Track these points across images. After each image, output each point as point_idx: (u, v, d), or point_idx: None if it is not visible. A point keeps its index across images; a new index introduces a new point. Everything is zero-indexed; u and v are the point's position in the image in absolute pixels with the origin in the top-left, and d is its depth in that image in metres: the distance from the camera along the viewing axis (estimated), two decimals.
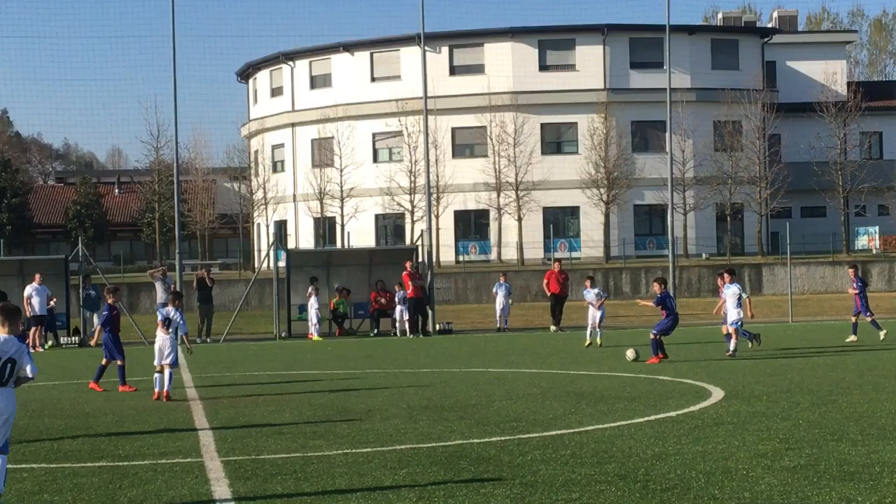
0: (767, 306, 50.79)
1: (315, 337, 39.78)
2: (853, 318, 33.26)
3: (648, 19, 79.56)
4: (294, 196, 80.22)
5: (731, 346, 27.42)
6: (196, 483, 12.46)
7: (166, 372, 21.05)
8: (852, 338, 31.99)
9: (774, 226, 74.24)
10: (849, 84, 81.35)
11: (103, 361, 23.19)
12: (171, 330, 21.61)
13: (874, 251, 73.14)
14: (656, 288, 27.34)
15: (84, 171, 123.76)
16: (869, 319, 32.71)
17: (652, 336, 26.53)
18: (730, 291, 28.30)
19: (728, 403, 18.05)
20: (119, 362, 22.84)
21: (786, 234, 46.19)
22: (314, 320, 40.24)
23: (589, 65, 74.26)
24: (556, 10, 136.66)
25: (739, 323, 27.82)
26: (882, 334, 31.79)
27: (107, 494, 11.95)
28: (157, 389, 21.04)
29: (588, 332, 32.77)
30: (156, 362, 21.27)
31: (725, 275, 29.01)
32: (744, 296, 28.43)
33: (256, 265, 70.05)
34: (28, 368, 11.21)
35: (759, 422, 15.87)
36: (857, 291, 33.56)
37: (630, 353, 26.14)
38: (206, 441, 15.62)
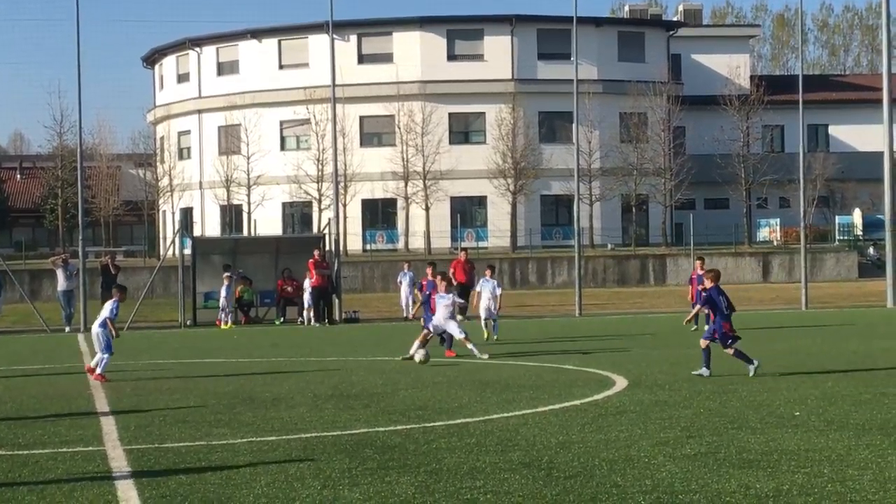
0: (671, 296, 51.36)
1: (225, 325, 39.54)
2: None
3: (556, 11, 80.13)
4: (200, 183, 79.61)
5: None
6: (98, 471, 12.34)
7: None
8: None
9: (679, 217, 75.13)
10: (752, 78, 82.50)
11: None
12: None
13: (775, 243, 74.26)
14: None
15: None
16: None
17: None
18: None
19: (631, 392, 18.24)
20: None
21: (689, 225, 46.77)
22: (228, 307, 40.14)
23: (497, 55, 74.52)
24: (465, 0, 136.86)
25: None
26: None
27: (5, 483, 11.79)
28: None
29: (483, 324, 32.51)
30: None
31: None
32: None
33: (162, 252, 69.42)
34: None
35: (661, 410, 16.06)
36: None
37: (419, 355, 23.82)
38: (109, 429, 15.48)
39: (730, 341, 20.39)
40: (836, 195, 78.58)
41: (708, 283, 21.13)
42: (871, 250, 68.96)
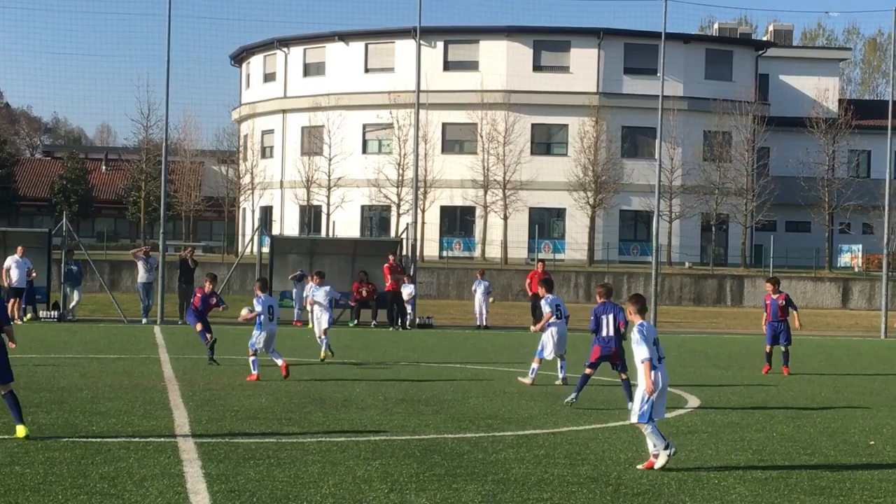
0: (747, 318, 50.89)
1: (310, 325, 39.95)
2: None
3: (644, 26, 79.80)
4: (281, 182, 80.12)
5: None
6: (168, 463, 12.46)
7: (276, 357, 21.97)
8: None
9: (759, 238, 74.42)
10: (840, 101, 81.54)
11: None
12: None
13: (856, 269, 73.33)
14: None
15: (72, 146, 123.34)
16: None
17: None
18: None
19: (703, 412, 18.10)
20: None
21: (769, 247, 46.35)
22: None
23: (583, 67, 74.30)
24: (553, 11, 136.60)
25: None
26: None
27: (78, 470, 11.94)
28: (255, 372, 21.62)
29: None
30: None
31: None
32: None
33: (240, 249, 69.98)
34: None
35: (732, 432, 15.92)
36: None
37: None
38: (181, 422, 15.62)
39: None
40: None
41: (599, 299, 19.12)
42: None
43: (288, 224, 78.78)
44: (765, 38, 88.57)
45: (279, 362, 21.79)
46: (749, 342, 37.98)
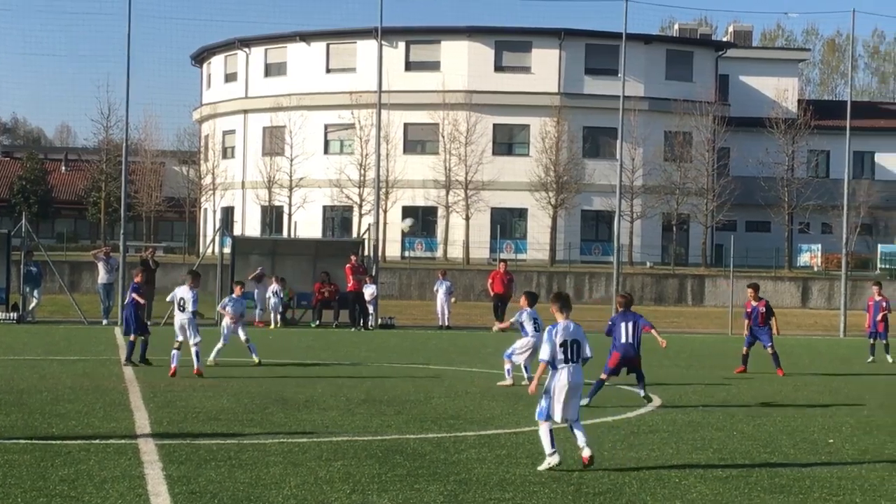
0: (708, 317, 51.15)
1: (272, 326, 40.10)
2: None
3: (605, 26, 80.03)
4: (243, 183, 79.90)
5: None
6: (129, 465, 12.41)
7: (192, 349, 22.17)
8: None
9: (719, 238, 74.78)
10: (799, 102, 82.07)
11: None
12: (188, 309, 22.69)
13: (816, 269, 73.81)
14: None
15: (31, 146, 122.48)
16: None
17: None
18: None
19: (665, 411, 18.17)
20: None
21: (730, 246, 46.51)
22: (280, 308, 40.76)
23: (544, 68, 74.45)
24: (514, 11, 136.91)
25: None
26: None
27: (38, 472, 11.88)
28: (174, 365, 21.93)
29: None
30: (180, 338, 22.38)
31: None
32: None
33: (201, 250, 69.70)
34: None
35: (693, 431, 15.99)
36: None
37: None
38: (142, 423, 15.56)
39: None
40: (879, 223, 78.05)
41: (619, 308, 19.71)
42: None
43: (249, 225, 78.58)
44: (725, 39, 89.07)
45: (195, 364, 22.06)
46: (710, 341, 38.18)
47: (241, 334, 24.86)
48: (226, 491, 11.12)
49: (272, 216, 77.27)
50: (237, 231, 74.88)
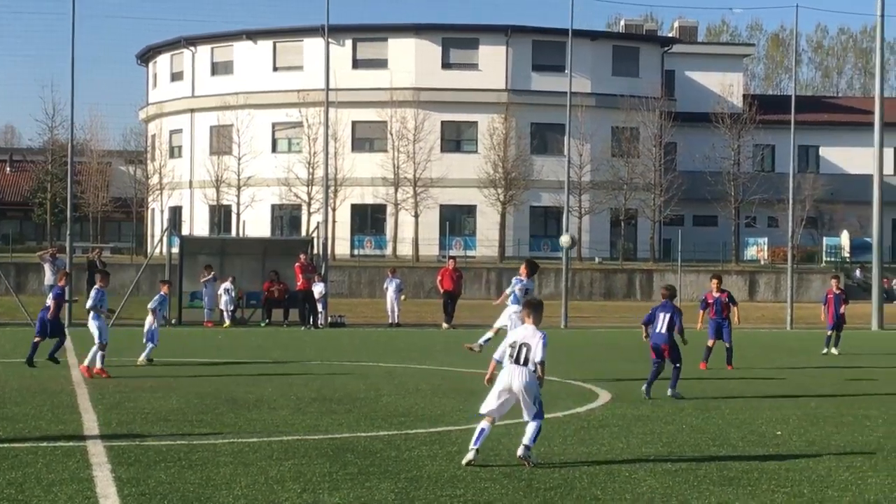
0: None
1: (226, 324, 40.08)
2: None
3: (552, 23, 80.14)
4: (190, 182, 79.51)
5: None
6: (77, 467, 12.32)
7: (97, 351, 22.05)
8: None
9: (667, 233, 75.19)
10: (744, 97, 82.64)
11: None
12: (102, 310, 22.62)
13: (762, 262, 74.36)
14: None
15: None
16: None
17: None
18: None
19: (614, 406, 18.26)
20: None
21: (677, 241, 46.81)
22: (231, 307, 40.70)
23: (491, 65, 74.56)
24: (461, 8, 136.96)
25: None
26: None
27: None
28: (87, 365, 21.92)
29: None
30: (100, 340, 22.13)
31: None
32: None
33: (149, 250, 69.31)
34: None
35: (643, 425, 16.08)
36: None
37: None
38: (90, 425, 15.46)
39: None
40: (824, 216, 78.72)
41: (662, 298, 20.59)
42: (857, 273, 69.07)
43: (198, 224, 78.19)
44: (670, 35, 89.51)
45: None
46: None
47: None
48: (176, 492, 11.07)
49: (220, 215, 76.94)
50: (185, 231, 74.49)
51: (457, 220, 74.69)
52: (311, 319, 40.29)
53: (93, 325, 22.43)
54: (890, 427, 16.29)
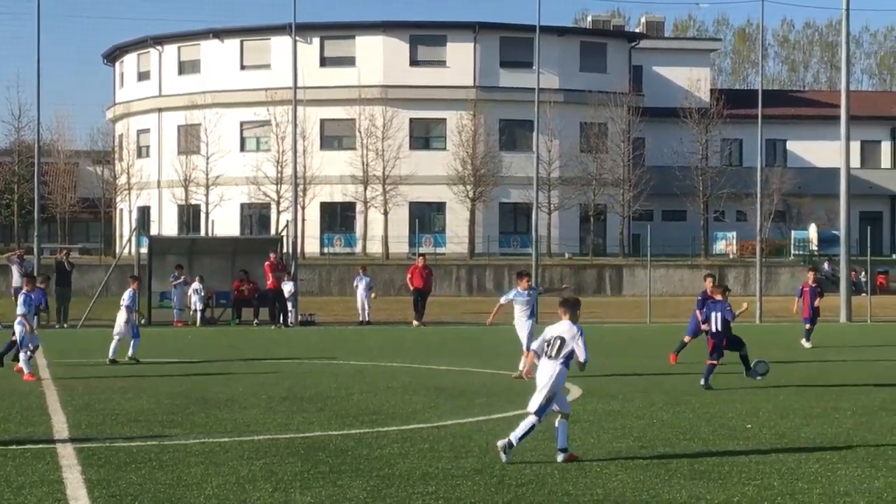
0: (627, 307, 51.56)
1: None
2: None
3: (519, 19, 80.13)
4: (158, 182, 79.20)
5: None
6: (47, 469, 12.26)
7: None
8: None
9: (636, 228, 75.30)
10: (712, 91, 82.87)
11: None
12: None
13: (731, 256, 74.62)
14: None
15: None
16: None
17: None
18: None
19: (585, 401, 18.29)
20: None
21: (647, 236, 46.94)
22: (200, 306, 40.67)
23: (459, 61, 74.56)
24: (428, 5, 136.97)
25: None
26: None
27: None
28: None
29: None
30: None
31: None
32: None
33: (118, 251, 69.01)
34: None
35: (614, 420, 16.12)
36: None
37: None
38: (60, 427, 15.39)
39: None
40: (792, 210, 79.06)
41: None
42: (825, 266, 69.35)
43: (166, 224, 77.92)
44: (637, 30, 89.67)
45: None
46: (629, 331, 38.52)
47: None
48: (146, 493, 11.03)
49: (189, 215, 76.67)
50: (154, 231, 74.20)
51: (426, 218, 74.65)
52: (282, 318, 40.21)
53: (18, 329, 22.33)
54: (859, 419, 16.39)
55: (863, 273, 59.70)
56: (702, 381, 20.13)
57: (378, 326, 40.54)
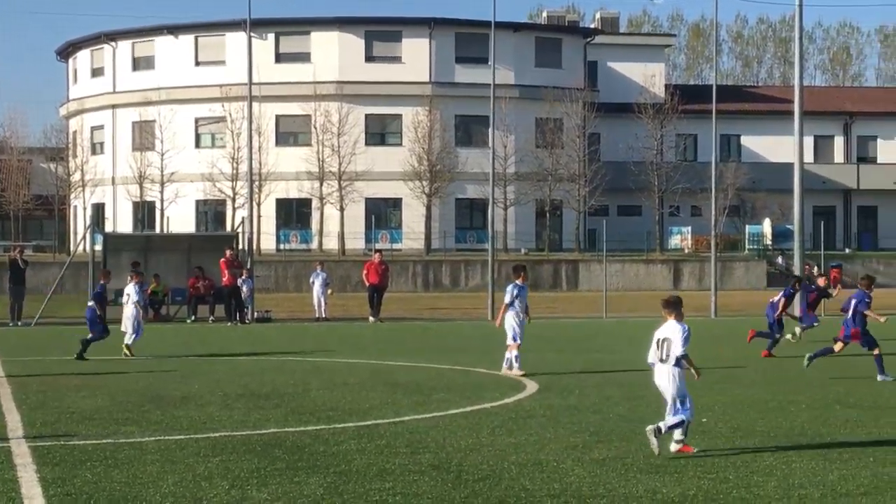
0: (583, 302, 51.71)
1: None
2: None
3: (474, 15, 79.82)
4: (113, 179, 78.74)
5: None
6: (1, 468, 12.19)
7: None
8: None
9: (592, 223, 75.53)
10: (666, 87, 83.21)
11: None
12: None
13: (686, 251, 74.98)
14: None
15: None
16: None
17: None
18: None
19: (542, 396, 18.34)
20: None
21: (602, 231, 47.07)
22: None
23: (415, 57, 74.51)
24: (383, 1, 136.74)
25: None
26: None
27: None
28: None
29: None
30: None
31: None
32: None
33: (72, 248, 68.55)
34: None
35: (570, 415, 16.17)
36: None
37: None
38: (14, 425, 15.29)
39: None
40: (746, 205, 79.47)
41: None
42: (779, 260, 69.86)
43: (121, 221, 77.49)
44: (592, 26, 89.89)
45: None
46: (585, 325, 38.64)
47: None
48: (102, 491, 10.98)
49: (144, 212, 76.28)
50: (109, 228, 73.74)
51: (382, 214, 74.59)
52: (238, 315, 40.08)
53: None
54: (813, 412, 16.52)
55: (814, 267, 60.14)
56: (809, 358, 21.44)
57: (334, 323, 40.48)
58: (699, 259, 67.63)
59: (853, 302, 21.24)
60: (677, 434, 13.04)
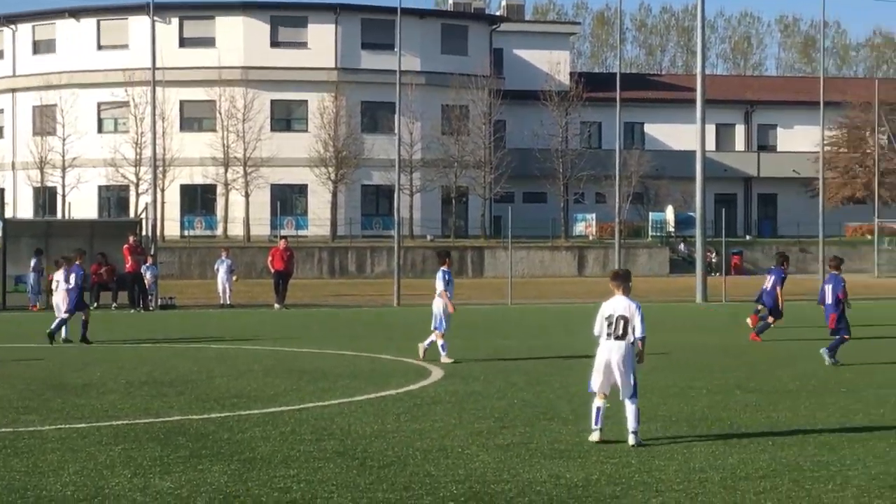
0: (489, 289, 51.92)
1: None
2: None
3: (381, 1, 79.71)
4: (13, 164, 77.57)
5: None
6: None
7: None
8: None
9: (497, 210, 75.82)
10: (571, 74, 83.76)
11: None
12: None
13: (591, 237, 75.59)
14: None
15: None
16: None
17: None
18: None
19: (447, 382, 18.40)
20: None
21: (508, 218, 47.30)
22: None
23: (320, 43, 74.22)
24: None
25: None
26: None
27: None
28: None
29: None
30: None
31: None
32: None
33: None
34: None
35: (475, 401, 16.24)
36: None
37: None
38: None
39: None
40: (650, 192, 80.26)
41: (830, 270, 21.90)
42: (682, 247, 70.72)
43: (21, 206, 76.36)
44: (498, 13, 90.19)
45: None
46: (490, 312, 38.80)
47: None
48: (1, 480, 10.83)
49: (45, 197, 75.21)
50: (8, 213, 72.59)
51: (288, 200, 74.27)
52: (141, 302, 39.69)
53: None
54: (713, 397, 16.76)
55: (714, 254, 60.94)
56: (831, 360, 20.72)
57: (239, 309, 40.26)
58: (603, 246, 68.23)
59: (827, 288, 21.26)
60: (635, 424, 12.94)
